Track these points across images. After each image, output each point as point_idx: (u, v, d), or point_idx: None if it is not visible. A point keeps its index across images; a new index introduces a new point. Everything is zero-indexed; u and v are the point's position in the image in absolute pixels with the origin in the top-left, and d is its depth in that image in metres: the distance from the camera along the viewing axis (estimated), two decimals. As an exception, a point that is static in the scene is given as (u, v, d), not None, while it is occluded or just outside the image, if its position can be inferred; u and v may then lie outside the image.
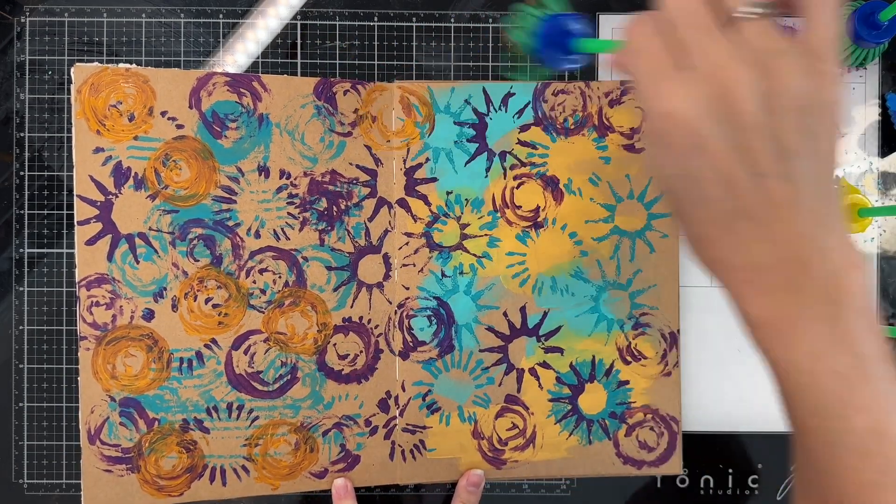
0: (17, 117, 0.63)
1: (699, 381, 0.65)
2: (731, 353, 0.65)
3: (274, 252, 0.61)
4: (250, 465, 0.62)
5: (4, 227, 0.63)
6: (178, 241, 0.61)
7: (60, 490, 0.63)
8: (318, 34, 0.64)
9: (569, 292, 0.64)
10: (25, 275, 0.63)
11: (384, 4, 0.64)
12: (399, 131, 0.62)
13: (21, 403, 0.63)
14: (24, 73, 0.63)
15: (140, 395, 0.61)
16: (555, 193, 0.63)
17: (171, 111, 0.60)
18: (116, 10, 0.63)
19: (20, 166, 0.63)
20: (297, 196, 0.61)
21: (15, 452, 0.63)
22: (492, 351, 0.63)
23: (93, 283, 0.60)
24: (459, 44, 0.64)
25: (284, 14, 0.64)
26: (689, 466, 0.65)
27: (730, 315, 0.63)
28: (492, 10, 0.64)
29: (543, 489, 0.65)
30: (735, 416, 0.65)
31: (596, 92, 0.63)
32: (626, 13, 0.65)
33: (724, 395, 0.65)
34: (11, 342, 0.63)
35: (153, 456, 0.61)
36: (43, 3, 0.63)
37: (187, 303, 0.61)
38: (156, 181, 0.60)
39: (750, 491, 0.65)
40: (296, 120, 0.61)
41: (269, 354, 0.62)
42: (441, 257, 0.63)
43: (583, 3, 0.64)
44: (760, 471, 0.65)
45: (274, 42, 0.64)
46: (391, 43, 0.64)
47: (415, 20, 0.64)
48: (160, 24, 0.63)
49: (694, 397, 0.65)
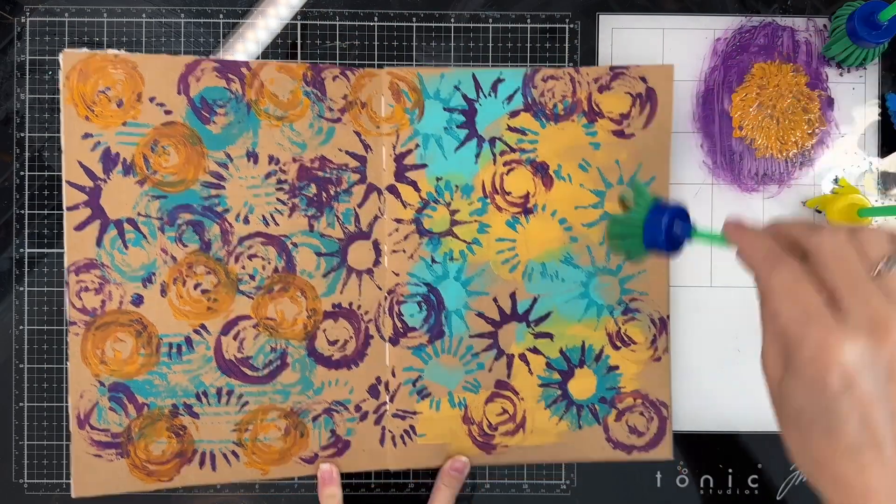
0: (17, 117, 0.63)
1: (699, 381, 0.65)
2: (731, 354, 0.65)
3: (263, 238, 0.61)
4: (240, 450, 0.62)
5: (4, 227, 0.63)
6: (166, 226, 0.61)
7: (60, 490, 0.63)
8: (318, 34, 0.64)
9: (559, 278, 0.64)
10: (25, 275, 0.63)
11: (384, 4, 0.64)
12: (388, 117, 0.62)
13: (21, 403, 0.63)
14: (24, 73, 0.63)
15: (129, 380, 0.61)
16: (544, 179, 0.63)
17: (159, 97, 0.60)
18: (116, 10, 0.63)
19: (20, 166, 0.63)
20: (286, 182, 0.61)
21: (15, 452, 0.63)
22: (482, 337, 0.63)
23: (82, 268, 0.60)
24: (459, 44, 0.64)
25: (284, 14, 0.64)
26: (689, 466, 0.65)
27: (729, 315, 0.65)
28: (492, 10, 0.64)
29: (543, 489, 0.65)
30: (735, 416, 0.65)
31: (585, 78, 0.63)
32: (627, 13, 0.64)
33: (725, 395, 0.65)
34: (11, 342, 0.63)
35: (143, 441, 0.61)
36: (43, 3, 0.63)
37: (176, 288, 0.61)
38: (144, 167, 0.60)
39: (750, 491, 0.65)
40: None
41: (259, 340, 0.62)
42: (431, 243, 0.63)
43: (583, 3, 0.64)
44: (760, 471, 0.65)
45: (274, 42, 0.63)
46: (391, 43, 0.64)
47: (415, 20, 0.64)
48: (160, 24, 0.63)
49: (694, 397, 0.65)
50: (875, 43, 0.60)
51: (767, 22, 0.64)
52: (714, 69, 0.64)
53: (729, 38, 0.64)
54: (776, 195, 0.65)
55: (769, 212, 0.65)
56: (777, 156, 0.63)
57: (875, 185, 0.65)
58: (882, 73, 0.65)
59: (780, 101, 0.62)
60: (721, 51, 0.64)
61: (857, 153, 0.65)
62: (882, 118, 0.65)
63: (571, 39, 0.64)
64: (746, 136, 0.63)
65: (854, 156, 0.65)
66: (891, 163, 0.65)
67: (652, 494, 0.65)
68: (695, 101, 0.65)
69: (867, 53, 0.62)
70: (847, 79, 0.65)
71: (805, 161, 0.64)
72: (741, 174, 0.64)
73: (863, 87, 0.65)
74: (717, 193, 0.65)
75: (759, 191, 0.65)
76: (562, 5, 0.64)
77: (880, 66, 0.65)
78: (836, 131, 0.65)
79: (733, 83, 0.63)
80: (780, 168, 0.64)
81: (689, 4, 0.65)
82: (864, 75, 0.65)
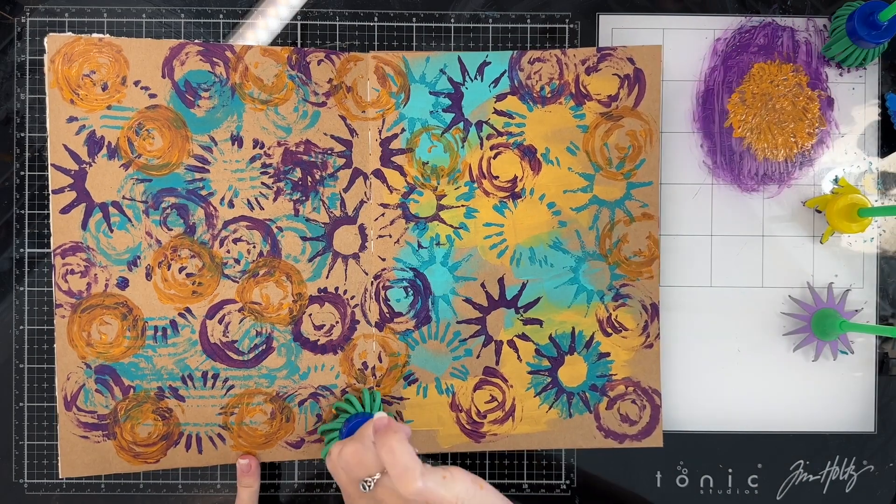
0: (18, 117, 0.63)
1: (700, 380, 0.64)
2: (731, 354, 0.64)
3: (248, 222, 0.62)
4: (226, 433, 0.62)
5: (4, 227, 0.63)
6: (151, 210, 0.61)
7: (60, 490, 0.64)
8: (318, 34, 0.64)
9: (547, 263, 0.63)
10: (25, 275, 0.63)
11: (384, 4, 0.64)
12: (374, 101, 0.62)
13: (21, 403, 0.63)
14: (24, 73, 0.63)
15: (115, 362, 0.61)
16: (532, 163, 0.63)
17: (144, 80, 0.60)
18: (116, 10, 0.63)
19: (20, 166, 0.63)
20: (270, 166, 0.62)
21: (15, 452, 0.63)
22: (469, 322, 0.63)
23: (67, 251, 0.60)
24: (459, 44, 0.64)
25: (284, 14, 0.64)
26: (689, 466, 0.65)
27: (730, 315, 0.64)
28: (492, 10, 0.64)
29: (543, 489, 0.65)
30: (735, 416, 0.64)
31: (572, 59, 0.62)
32: (626, 13, 0.64)
33: (725, 395, 0.64)
34: (11, 342, 0.63)
35: (129, 423, 0.61)
36: (43, 3, 0.63)
37: (161, 272, 0.61)
38: (129, 150, 0.61)
39: (750, 491, 0.64)
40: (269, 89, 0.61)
41: (244, 324, 0.62)
42: (417, 228, 0.63)
43: (583, 3, 0.64)
44: (760, 471, 0.64)
45: (274, 42, 0.63)
46: (391, 43, 0.64)
47: (415, 20, 0.64)
48: (160, 24, 0.63)
49: (694, 397, 0.64)
50: (875, 43, 0.60)
51: (767, 22, 0.63)
52: (714, 69, 0.64)
53: (729, 38, 0.64)
54: (776, 195, 0.64)
55: (769, 212, 0.64)
56: (777, 156, 0.62)
57: (875, 184, 0.64)
58: (882, 73, 0.64)
59: (780, 101, 0.62)
60: (721, 51, 0.64)
61: (857, 153, 0.64)
62: (882, 118, 0.64)
63: (571, 39, 0.64)
64: (746, 137, 0.62)
65: (854, 156, 0.64)
66: (890, 163, 0.64)
67: (652, 494, 0.65)
68: (695, 101, 0.64)
69: (867, 53, 0.61)
70: (847, 79, 0.64)
71: (805, 161, 0.64)
72: (741, 174, 0.63)
73: (863, 87, 0.64)
74: (717, 193, 0.64)
75: (759, 191, 0.64)
76: (562, 5, 0.64)
77: (880, 66, 0.64)
78: (836, 131, 0.64)
79: (733, 83, 0.63)
80: (780, 168, 0.63)
81: (689, 4, 0.64)
82: (864, 75, 0.64)
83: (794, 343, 0.64)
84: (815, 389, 0.64)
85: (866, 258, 0.64)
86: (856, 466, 0.64)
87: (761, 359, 0.64)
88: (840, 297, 0.64)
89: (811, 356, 0.64)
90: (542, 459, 0.65)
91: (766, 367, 0.64)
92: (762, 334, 0.64)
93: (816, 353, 0.63)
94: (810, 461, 0.64)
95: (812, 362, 0.64)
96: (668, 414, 0.64)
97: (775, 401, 0.64)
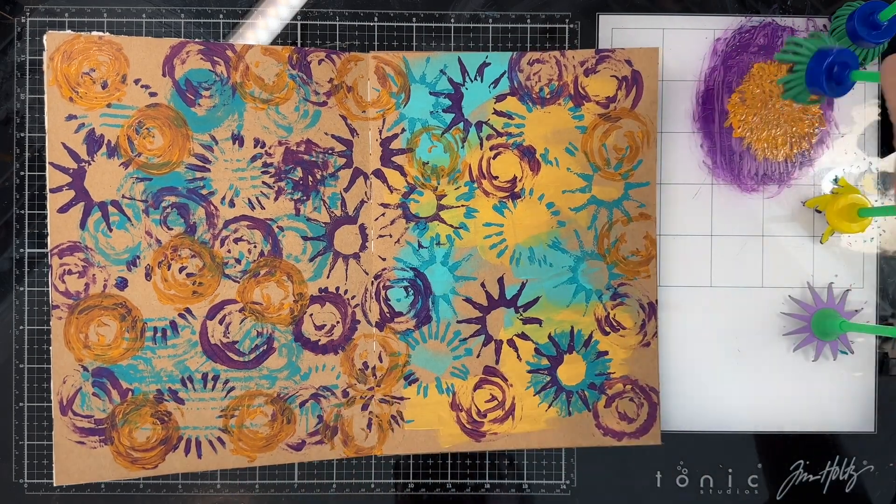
0: (18, 117, 0.63)
1: (700, 380, 0.64)
2: (732, 354, 0.65)
3: (249, 221, 0.61)
4: (226, 436, 0.61)
5: (4, 228, 0.63)
6: (151, 209, 0.61)
7: (61, 490, 0.63)
8: (318, 34, 0.64)
9: (547, 263, 0.63)
10: (25, 275, 0.63)
11: (384, 4, 0.64)
12: (374, 101, 0.62)
13: (21, 403, 0.63)
14: (24, 73, 0.63)
15: (113, 364, 0.60)
16: (531, 163, 0.63)
17: (144, 79, 0.60)
18: (116, 10, 0.63)
19: (20, 166, 0.63)
20: (271, 165, 0.61)
21: (15, 452, 0.63)
22: (469, 322, 0.63)
23: (65, 251, 0.60)
24: (459, 44, 0.64)
25: (284, 14, 0.64)
26: (689, 466, 0.65)
27: (729, 315, 0.64)
28: (492, 10, 0.64)
29: (543, 489, 0.64)
30: (735, 416, 0.65)
31: (571, 61, 0.63)
32: (626, 13, 0.64)
33: (725, 395, 0.65)
34: (11, 342, 0.63)
35: (127, 427, 0.61)
36: (43, 3, 0.63)
37: (161, 272, 0.61)
38: (129, 149, 0.60)
39: (750, 491, 0.64)
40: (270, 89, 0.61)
41: (245, 325, 0.61)
42: (418, 228, 0.63)
43: (583, 3, 0.64)
44: (760, 471, 0.65)
45: (274, 42, 0.63)
46: (391, 43, 0.64)
47: (415, 20, 0.64)
48: (160, 24, 0.63)
49: (695, 397, 0.64)
50: (875, 43, 0.60)
51: (767, 22, 0.64)
52: (714, 69, 0.64)
53: (729, 38, 0.64)
54: (776, 195, 0.64)
55: (769, 212, 0.64)
56: (777, 156, 0.63)
57: (875, 184, 0.65)
58: (882, 74, 0.65)
59: (780, 101, 0.62)
60: (721, 51, 0.64)
61: (857, 153, 0.65)
62: (882, 118, 0.65)
63: (571, 39, 0.64)
64: (746, 137, 0.62)
65: (854, 156, 0.65)
66: (890, 163, 0.65)
67: (652, 494, 0.64)
68: (695, 101, 0.64)
69: (867, 53, 0.62)
70: (847, 79, 0.65)
71: (805, 161, 0.64)
72: (741, 174, 0.64)
73: (863, 87, 0.64)
74: (716, 193, 0.64)
75: (759, 191, 0.64)
76: (562, 5, 0.64)
77: (880, 67, 0.64)
78: (836, 131, 0.64)
79: (733, 83, 0.63)
80: (780, 168, 0.64)
81: (689, 4, 0.65)
82: (864, 75, 0.65)
83: (793, 343, 0.64)
84: (815, 389, 0.64)
85: (866, 258, 0.64)
86: (856, 466, 0.65)
87: (761, 359, 0.64)
88: (840, 297, 0.64)
89: (811, 356, 0.64)
90: (542, 459, 0.64)
91: (766, 368, 0.64)
92: (762, 334, 0.64)
93: (816, 354, 0.64)
94: (810, 461, 0.64)
95: (812, 362, 0.64)
96: (668, 414, 0.64)
97: (775, 401, 0.64)
